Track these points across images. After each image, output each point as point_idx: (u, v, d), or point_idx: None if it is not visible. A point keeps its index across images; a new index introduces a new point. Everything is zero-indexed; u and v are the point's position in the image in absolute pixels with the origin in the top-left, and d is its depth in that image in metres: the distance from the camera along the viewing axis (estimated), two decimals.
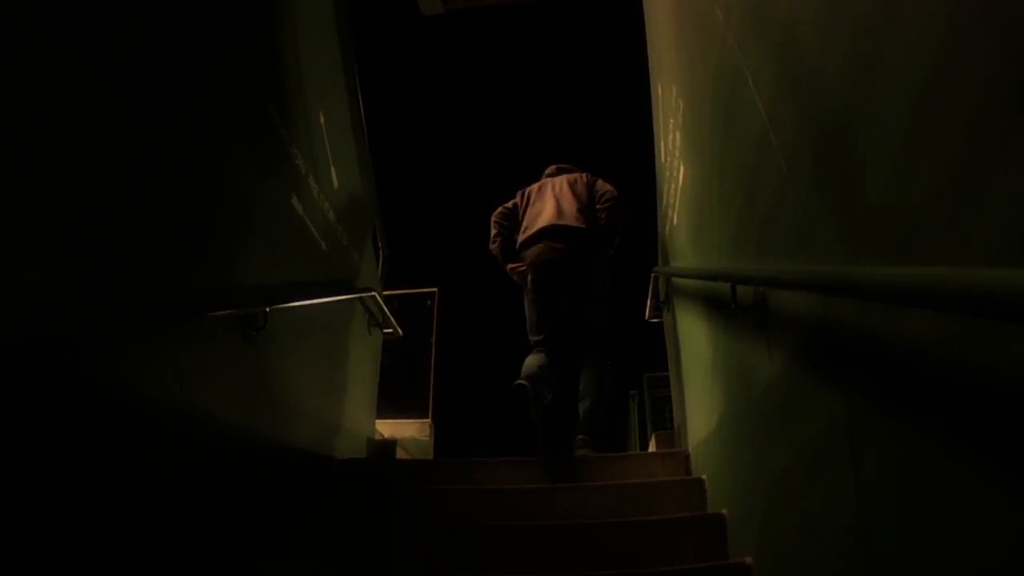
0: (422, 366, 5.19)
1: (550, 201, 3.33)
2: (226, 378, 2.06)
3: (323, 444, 2.84)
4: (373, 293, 3.42)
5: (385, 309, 3.67)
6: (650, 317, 3.70)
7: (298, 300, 2.55)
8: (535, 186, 3.54)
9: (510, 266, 3.44)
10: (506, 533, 1.96)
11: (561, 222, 3.23)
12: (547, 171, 3.61)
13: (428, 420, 4.89)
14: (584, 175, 3.46)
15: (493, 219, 3.55)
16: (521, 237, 3.38)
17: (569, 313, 3.23)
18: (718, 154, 1.86)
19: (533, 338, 3.25)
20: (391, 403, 4.83)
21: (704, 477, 2.28)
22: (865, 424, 1.02)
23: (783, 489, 1.41)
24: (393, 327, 3.81)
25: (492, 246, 3.52)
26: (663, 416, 5.37)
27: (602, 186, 3.39)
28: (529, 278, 3.28)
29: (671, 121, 2.77)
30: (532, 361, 3.08)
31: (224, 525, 1.90)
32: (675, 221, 2.84)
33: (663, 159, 3.22)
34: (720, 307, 1.95)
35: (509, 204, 3.58)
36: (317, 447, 2.76)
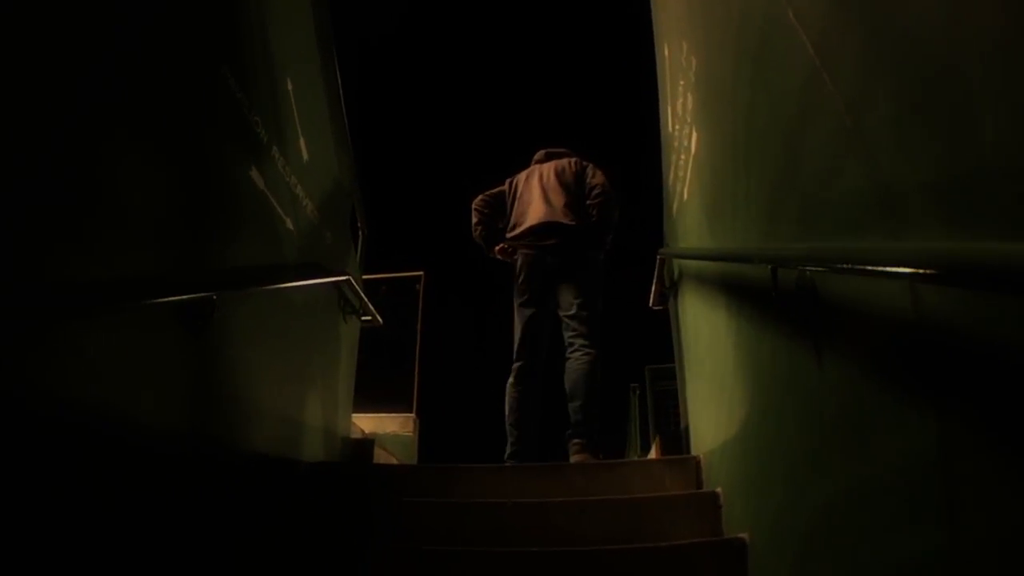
0: (407, 356, 4.91)
1: (537, 194, 3.21)
2: (163, 375, 1.79)
3: (288, 447, 2.58)
4: (348, 277, 3.13)
5: (362, 295, 3.40)
6: (654, 304, 3.44)
7: (256, 285, 2.28)
8: (523, 175, 3.39)
9: (497, 248, 3.35)
10: (494, 561, 1.70)
11: (550, 219, 3.12)
12: (536, 157, 3.46)
13: (412, 415, 4.62)
14: (573, 161, 3.30)
15: (474, 207, 3.44)
16: (509, 233, 3.28)
17: (553, 313, 3.16)
18: (744, 112, 1.58)
19: (516, 347, 3.16)
20: (373, 396, 4.58)
21: (719, 490, 2.03)
22: (972, 464, 0.75)
23: (832, 526, 1.15)
24: (372, 314, 3.53)
25: (474, 235, 3.44)
26: (667, 412, 5.12)
27: (592, 176, 3.23)
28: (520, 278, 3.19)
29: (681, 83, 2.47)
30: (512, 402, 3.03)
31: (157, 546, 1.64)
32: (685, 196, 2.56)
33: (670, 127, 2.93)
34: (745, 295, 1.67)
35: (494, 190, 3.47)
36: (280, 451, 2.50)
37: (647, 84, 3.48)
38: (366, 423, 4.40)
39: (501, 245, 3.33)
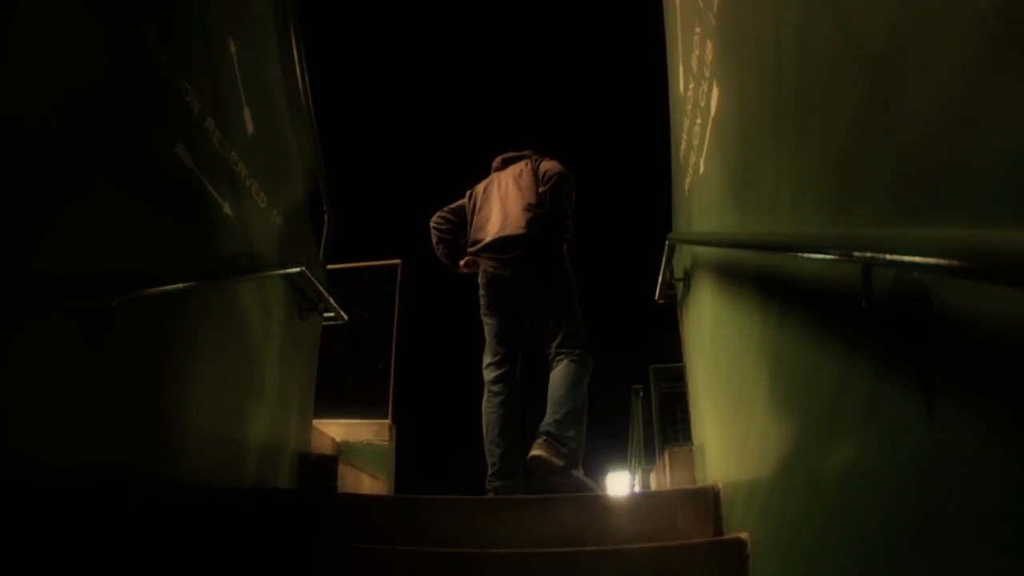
0: (384, 355, 4.54)
1: (496, 206, 3.21)
2: (49, 399, 1.43)
3: (224, 473, 2.23)
4: (301, 269, 2.76)
5: (322, 289, 3.03)
6: (661, 297, 3.11)
7: (172, 283, 1.90)
8: (482, 186, 3.39)
9: (461, 263, 3.31)
10: None
11: (508, 232, 3.08)
12: (494, 164, 3.43)
13: (388, 421, 4.26)
14: (529, 162, 3.25)
15: (432, 225, 3.41)
16: (471, 248, 3.28)
17: (527, 326, 3.16)
18: (794, 47, 1.21)
19: (487, 360, 3.14)
20: (345, 400, 4.23)
21: (745, 537, 1.68)
22: None
23: None
24: (334, 310, 3.17)
25: (436, 253, 3.43)
26: (675, 419, 4.78)
27: (544, 167, 3.16)
28: (483, 292, 3.20)
29: (696, 30, 2.09)
30: (490, 419, 2.94)
31: None
32: (702, 168, 2.18)
33: (681, 88, 2.55)
34: (795, 297, 1.31)
35: (453, 205, 3.46)
36: (213, 478, 2.14)
37: (650, 53, 3.16)
38: (337, 431, 4.06)
39: (466, 259, 3.31)
